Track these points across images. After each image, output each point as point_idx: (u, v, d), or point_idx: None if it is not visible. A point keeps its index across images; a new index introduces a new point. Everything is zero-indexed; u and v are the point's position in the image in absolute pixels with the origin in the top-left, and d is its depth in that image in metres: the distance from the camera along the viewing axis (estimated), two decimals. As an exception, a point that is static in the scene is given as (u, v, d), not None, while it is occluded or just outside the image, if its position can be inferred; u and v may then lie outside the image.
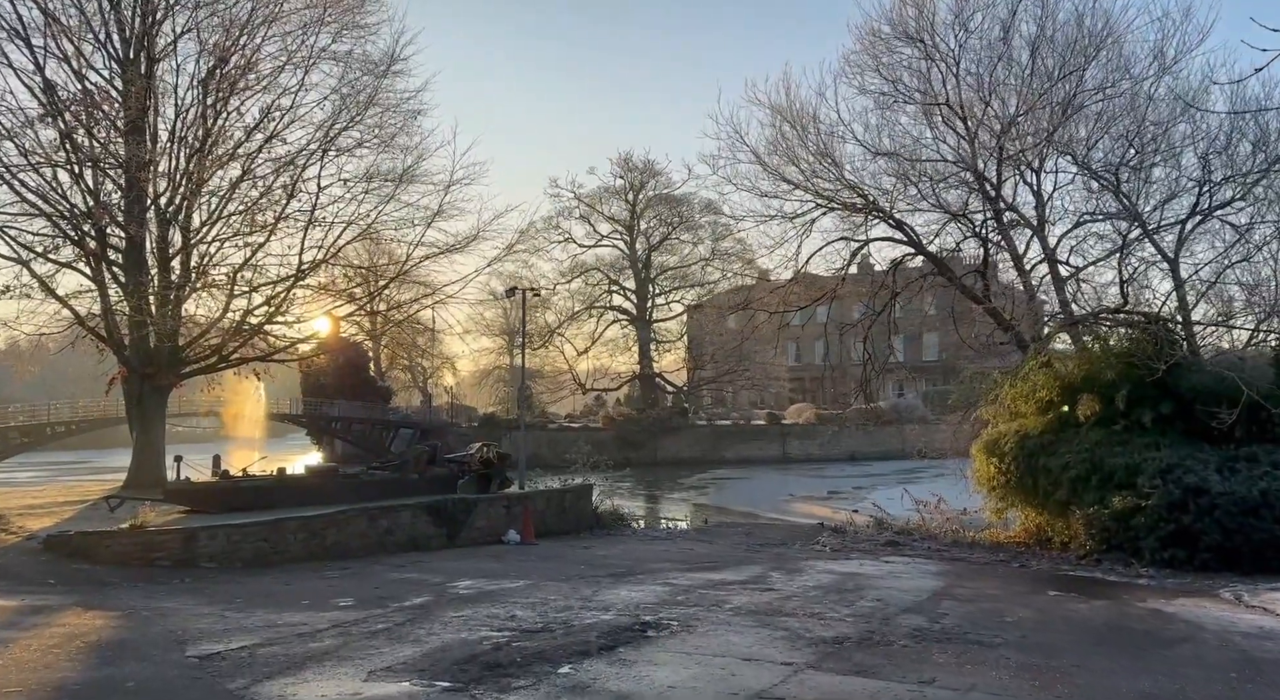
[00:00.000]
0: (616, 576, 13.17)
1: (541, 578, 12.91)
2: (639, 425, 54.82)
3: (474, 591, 11.63)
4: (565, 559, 15.96)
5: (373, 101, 21.63)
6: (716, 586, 12.00)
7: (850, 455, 60.28)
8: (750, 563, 15.21)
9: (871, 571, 14.04)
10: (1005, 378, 18.26)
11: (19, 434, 47.50)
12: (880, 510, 21.52)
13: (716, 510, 29.85)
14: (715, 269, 60.98)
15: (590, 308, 60.09)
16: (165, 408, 23.37)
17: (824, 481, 42.88)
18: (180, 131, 21.50)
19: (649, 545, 18.71)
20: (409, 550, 17.17)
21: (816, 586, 12.17)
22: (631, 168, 60.13)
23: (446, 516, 18.35)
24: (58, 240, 20.78)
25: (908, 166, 18.72)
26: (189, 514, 17.58)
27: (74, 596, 10.88)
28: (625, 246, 61.39)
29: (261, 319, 22.21)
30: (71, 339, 24.23)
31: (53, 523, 17.19)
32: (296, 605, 10.61)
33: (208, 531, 14.30)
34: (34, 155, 19.75)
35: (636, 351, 63.45)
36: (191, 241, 21.67)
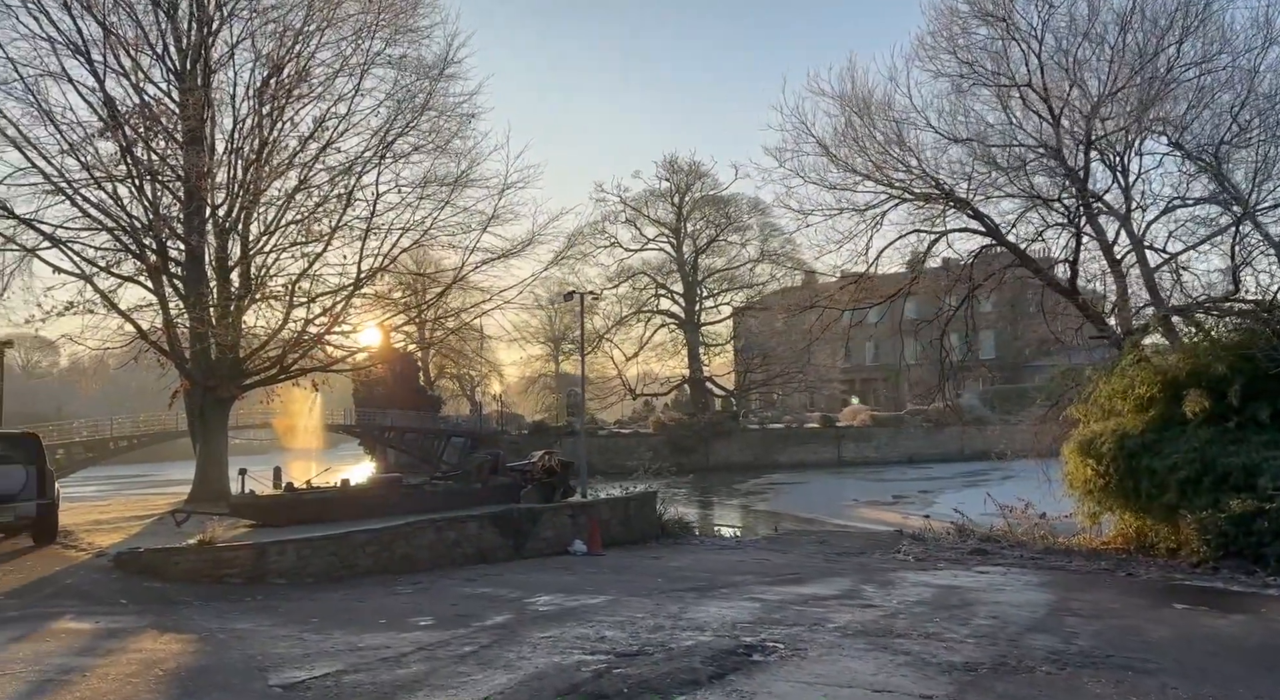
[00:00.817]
0: (699, 591, 12.51)
1: (620, 592, 12.31)
2: (690, 430, 54.12)
3: (555, 608, 11.06)
4: (638, 571, 15.36)
5: (427, 106, 21.37)
6: (809, 602, 11.28)
7: (908, 458, 58.92)
8: (835, 574, 14.45)
9: (969, 583, 13.18)
10: (1098, 374, 17.24)
11: (84, 449, 48.36)
12: (962, 516, 20.48)
13: (781, 517, 28.99)
14: (764, 270, 60.06)
15: (638, 312, 59.55)
16: (227, 420, 23.31)
17: (886, 486, 41.81)
18: (237, 142, 21.43)
19: (720, 555, 18.01)
20: (476, 562, 16.73)
21: (918, 601, 11.38)
22: (677, 170, 59.64)
23: (513, 527, 17.88)
24: (119, 254, 20.78)
25: (986, 153, 17.81)
26: (254, 528, 17.37)
27: (147, 617, 10.54)
28: (672, 249, 60.81)
29: (320, 329, 22.01)
30: (134, 353, 24.32)
31: (120, 539, 17.08)
32: (375, 625, 10.13)
33: (277, 547, 13.96)
34: (95, 170, 19.77)
35: (685, 355, 62.78)
36: (250, 252, 21.56)
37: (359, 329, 24.86)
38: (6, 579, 13.03)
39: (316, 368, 25.14)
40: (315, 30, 20.48)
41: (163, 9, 20.46)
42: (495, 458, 20.69)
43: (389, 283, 24.86)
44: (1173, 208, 17.39)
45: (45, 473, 16.31)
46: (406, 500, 18.62)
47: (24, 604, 11.05)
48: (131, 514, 21.43)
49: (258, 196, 20.96)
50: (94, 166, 19.93)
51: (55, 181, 19.71)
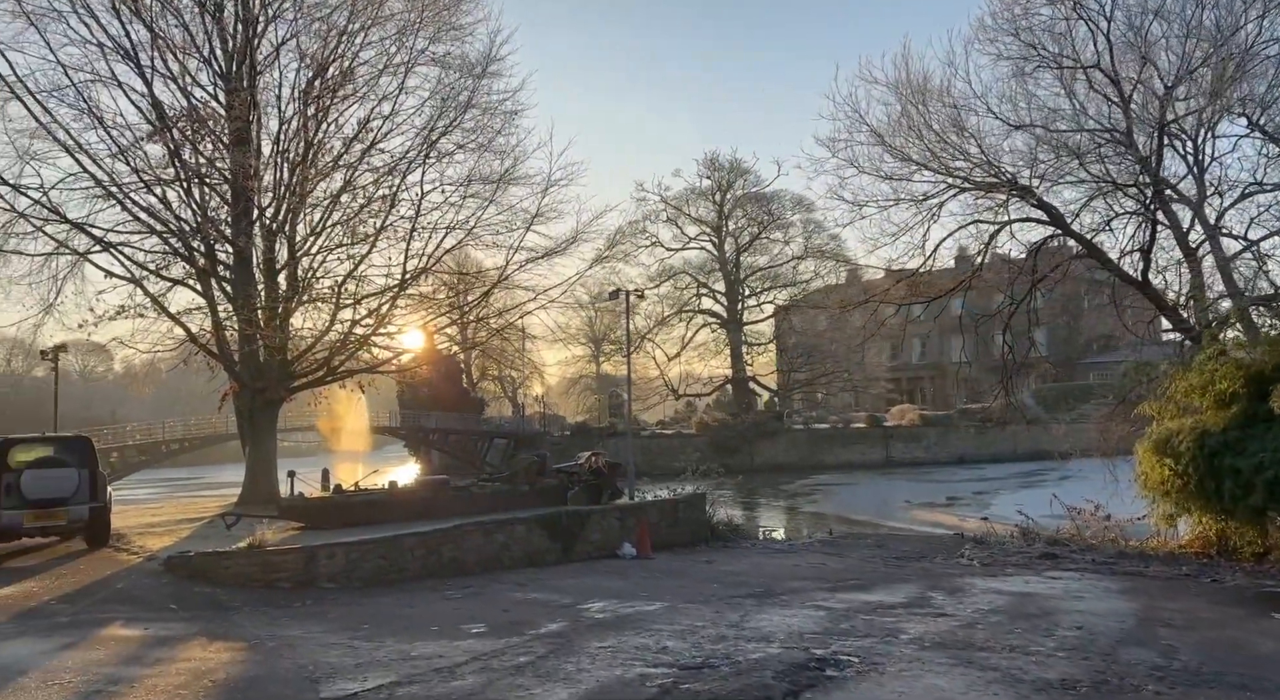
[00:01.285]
0: (758, 598, 12.02)
1: (676, 599, 11.86)
2: (734, 430, 53.48)
3: (609, 615, 10.66)
4: (691, 576, 14.90)
5: (471, 103, 21.16)
6: (877, 611, 10.72)
7: (959, 458, 57.62)
8: (898, 581, 13.83)
9: (1044, 590, 12.51)
10: (1174, 369, 16.38)
11: (137, 452, 49.29)
12: (1026, 518, 19.67)
13: (832, 520, 28.30)
14: (808, 268, 59.19)
15: (680, 312, 59.04)
16: (276, 422, 23.34)
17: (938, 487, 40.80)
18: (283, 144, 21.42)
19: (775, 559, 17.46)
20: (524, 565, 16.41)
21: (993, 610, 10.77)
22: (718, 167, 59.04)
23: (561, 530, 17.52)
24: (169, 257, 20.89)
25: (1049, 140, 17.05)
26: (303, 530, 17.25)
27: (197, 624, 10.36)
28: (714, 248, 60.23)
29: (367, 330, 21.91)
30: (183, 356, 24.49)
31: (171, 542, 17.07)
32: (426, 632, 9.82)
33: (326, 550, 13.76)
34: (144, 174, 19.89)
35: (727, 355, 62.12)
36: (297, 254, 21.55)
37: (404, 330, 24.78)
38: (59, 583, 13.00)
39: (363, 369, 25.09)
40: (359, 29, 20.40)
41: (209, 11, 20.51)
42: (542, 459, 20.39)
43: (433, 284, 24.74)
44: (1250, 193, 16.46)
45: (97, 476, 16.35)
46: (453, 502, 18.38)
47: (75, 609, 10.95)
48: (182, 516, 21.53)
49: (304, 198, 20.92)
50: (143, 170, 20.06)
51: (106, 186, 19.86)
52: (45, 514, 15.47)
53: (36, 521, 15.42)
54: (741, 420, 54.39)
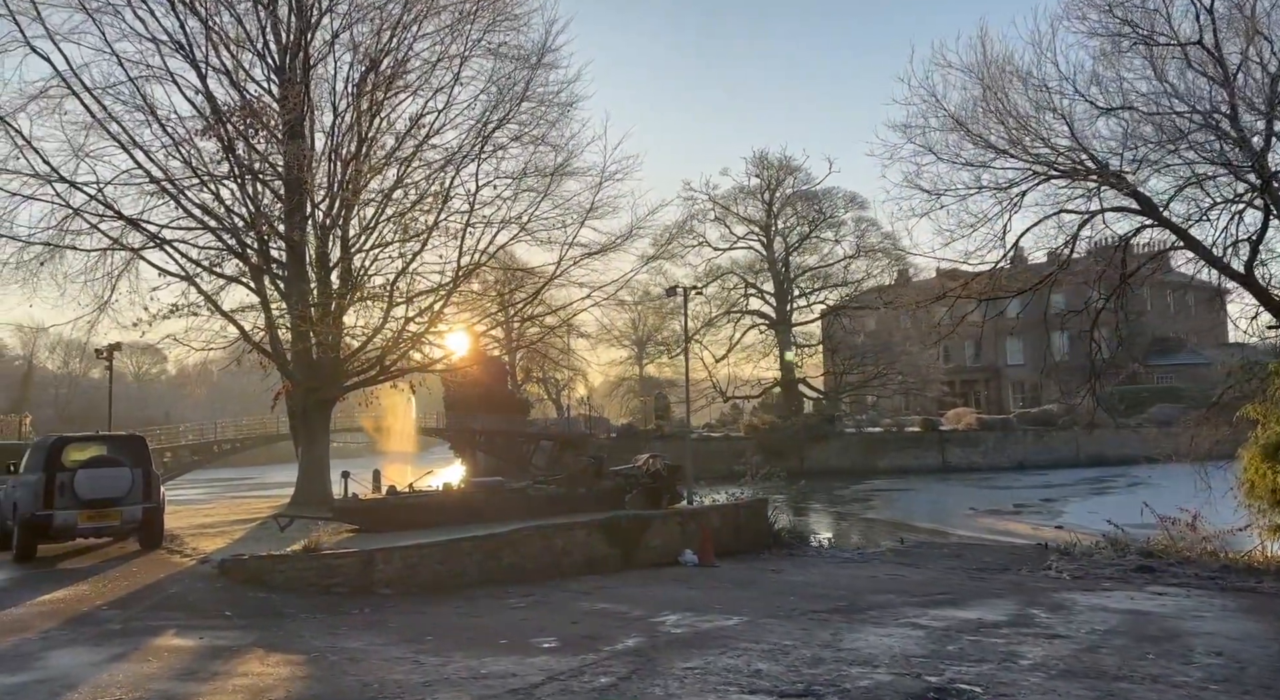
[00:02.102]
0: (843, 613, 11.17)
1: (754, 613, 11.05)
2: (783, 433, 52.33)
3: (688, 631, 9.89)
4: (762, 586, 14.08)
5: (526, 95, 20.56)
6: (980, 630, 9.81)
7: (1018, 463, 55.76)
8: (990, 595, 12.86)
9: (1155, 609, 11.47)
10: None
11: (190, 452, 49.75)
12: (1116, 528, 18.48)
13: (897, 527, 27.19)
14: (859, 267, 57.83)
15: (728, 313, 58.06)
16: (329, 422, 22.98)
17: (1002, 494, 39.28)
18: (336, 139, 21.07)
19: (847, 570, 16.56)
20: (584, 572, 15.74)
21: (1110, 631, 9.80)
22: (767, 165, 57.94)
23: (621, 535, 16.83)
24: (222, 254, 20.62)
25: (1144, 124, 15.93)
26: (357, 533, 16.77)
27: (253, 633, 9.82)
28: (762, 248, 59.14)
29: (420, 328, 21.45)
30: (236, 356, 24.29)
31: (224, 543, 16.69)
32: (494, 645, 9.16)
33: (384, 555, 13.21)
34: (199, 169, 19.64)
35: (774, 357, 60.97)
36: (351, 250, 21.17)
37: (455, 329, 24.29)
38: (112, 586, 12.61)
39: (415, 368, 24.68)
40: (414, 20, 19.94)
41: (262, 4, 20.23)
42: (599, 461, 19.73)
43: (483, 283, 24.24)
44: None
45: (151, 475, 16.02)
46: (509, 505, 17.78)
47: (127, 615, 10.48)
48: (235, 517, 21.24)
49: (357, 193, 20.52)
50: (197, 166, 19.81)
51: (160, 182, 19.63)
52: (99, 514, 15.16)
53: (90, 522, 15.11)
54: (791, 423, 53.23)
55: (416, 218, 21.98)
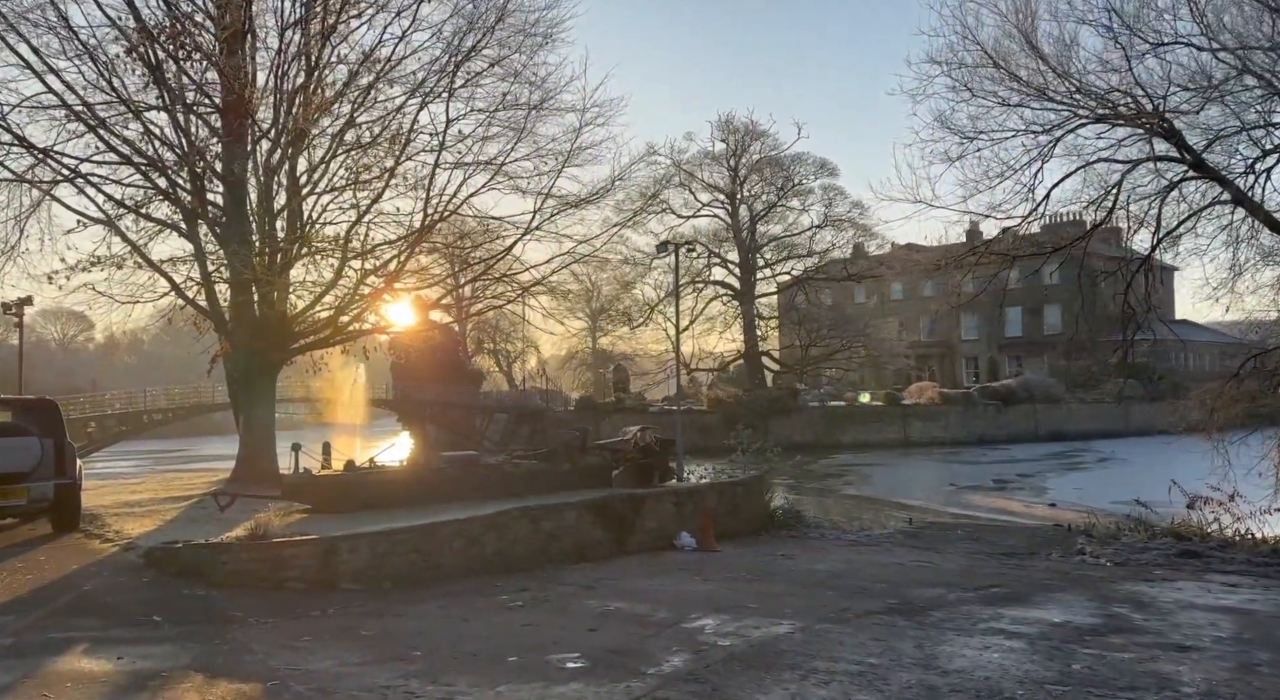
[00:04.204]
0: (904, 614, 9.48)
1: (802, 615, 9.28)
2: (747, 407, 50.95)
3: (738, 642, 8.07)
4: (783, 577, 12.34)
5: (502, 19, 18.17)
6: (1085, 638, 8.21)
7: (979, 438, 55.53)
8: (1049, 589, 11.33)
9: (1250, 606, 10.03)
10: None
11: (117, 422, 46.25)
12: (1144, 508, 17.22)
13: (882, 504, 25.90)
14: (825, 237, 56.49)
15: (691, 282, 56.23)
16: (275, 389, 20.55)
17: (976, 469, 38.51)
18: (282, 68, 18.49)
19: (865, 556, 14.95)
20: (574, 560, 13.85)
21: (1233, 638, 8.27)
22: (733, 130, 55.94)
23: (614, 517, 14.95)
24: (149, 194, 17.98)
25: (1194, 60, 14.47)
26: (310, 514, 14.62)
27: (190, 648, 7.72)
28: (727, 216, 57.31)
29: (375, 285, 19.15)
30: (166, 314, 21.70)
31: (154, 526, 14.39)
32: (504, 664, 7.24)
33: (348, 543, 11.10)
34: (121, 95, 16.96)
35: (737, 328, 59.49)
36: (302, 193, 18.73)
37: (417, 287, 22.00)
38: (11, 581, 10.32)
39: (371, 331, 22.37)
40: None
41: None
42: (584, 435, 17.82)
43: (451, 236, 21.93)
44: None
45: (65, 447, 13.62)
46: (485, 483, 15.79)
47: (23, 625, 8.27)
48: (167, 495, 18.79)
49: (306, 130, 18.04)
50: (119, 91, 17.12)
51: (76, 110, 16.89)
52: (1, 491, 12.75)
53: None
54: (756, 396, 51.88)
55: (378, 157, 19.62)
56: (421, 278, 22.73)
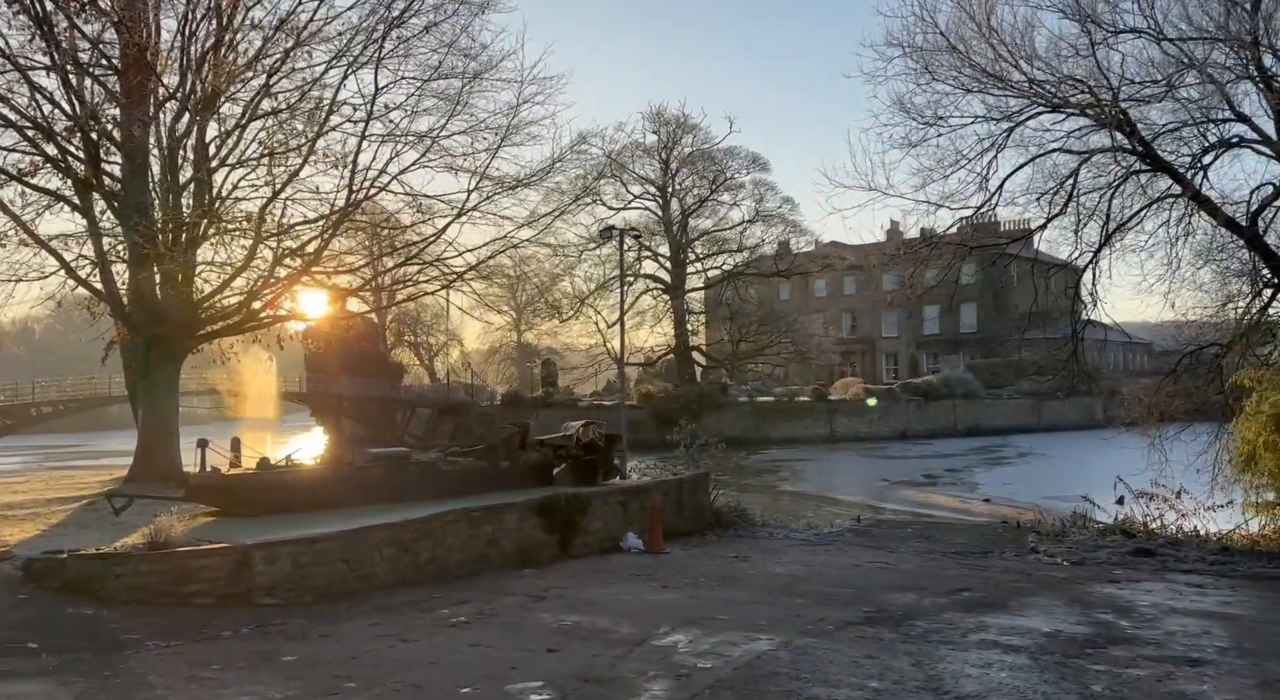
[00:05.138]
0: (886, 625, 8.80)
1: (779, 628, 8.50)
2: (678, 402, 50.37)
3: (720, 664, 7.21)
4: (746, 583, 11.58)
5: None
6: (1087, 652, 7.66)
7: (901, 433, 56.30)
8: (1020, 593, 10.85)
9: (1228, 610, 9.73)
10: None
11: (1, 416, 42.77)
12: (1092, 505, 17.09)
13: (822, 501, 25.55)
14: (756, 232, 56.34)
15: (624, 275, 55.34)
16: (178, 380, 18.76)
17: (904, 464, 38.74)
18: (190, 24, 16.81)
19: (820, 557, 14.33)
20: (516, 565, 12.89)
21: (1234, 649, 7.84)
22: (664, 122, 55.18)
23: (559, 518, 13.99)
24: (35, 161, 16.08)
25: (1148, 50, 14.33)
26: (217, 517, 13.15)
27: (71, 684, 6.46)
28: (658, 208, 56.60)
29: (299, 265, 17.63)
30: (54, 295, 19.68)
31: (36, 531, 12.73)
32: (456, 698, 6.20)
33: (265, 552, 9.82)
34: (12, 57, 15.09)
35: (668, 323, 58.91)
36: (211, 164, 17.09)
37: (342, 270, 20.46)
38: None
39: (287, 318, 20.77)
40: None
41: None
42: (524, 430, 16.74)
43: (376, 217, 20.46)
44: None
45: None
46: (417, 482, 14.50)
47: None
48: (54, 495, 16.91)
49: (218, 88, 16.41)
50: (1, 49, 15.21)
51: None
52: None
53: None
54: (687, 391, 51.37)
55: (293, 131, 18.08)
56: (343, 262, 21.21)
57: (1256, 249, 14.89)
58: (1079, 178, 15.12)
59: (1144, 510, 16.42)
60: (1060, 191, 15.50)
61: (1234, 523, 15.66)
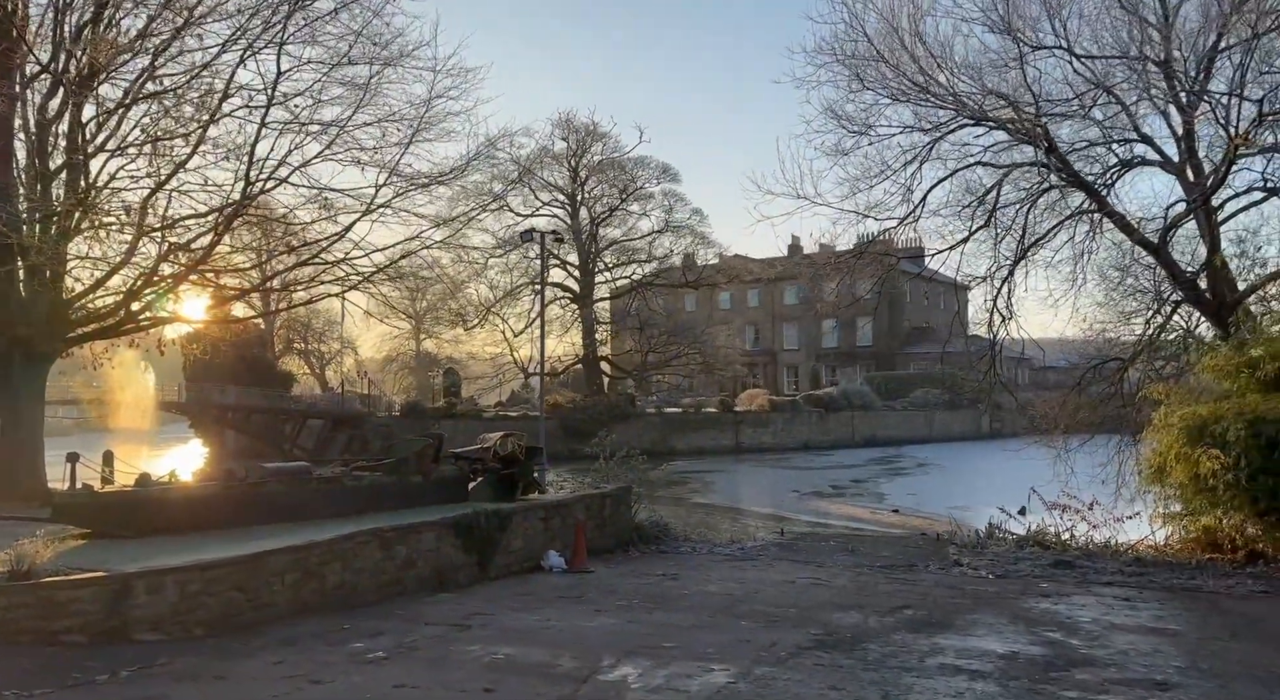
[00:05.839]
0: (840, 649, 8.38)
1: (732, 656, 7.97)
2: (587, 413, 49.66)
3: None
4: (682, 604, 11.01)
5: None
6: (1049, 675, 7.41)
7: (804, 444, 57.17)
8: (959, 611, 10.61)
9: (1165, 626, 9.71)
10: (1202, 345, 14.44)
11: None
12: (1008, 516, 17.25)
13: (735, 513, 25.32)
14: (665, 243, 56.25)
15: (531, 283, 54.28)
16: (44, 388, 16.86)
17: (810, 475, 39.12)
18: None
19: (750, 573, 13.91)
20: (434, 588, 12.00)
21: (1200, 669, 7.70)
22: (574, 129, 54.55)
23: (479, 537, 13.12)
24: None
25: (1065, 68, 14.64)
26: (90, 540, 11.66)
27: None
28: (567, 216, 55.84)
29: (189, 261, 16.14)
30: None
31: None
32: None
33: (148, 580, 8.63)
34: None
35: (576, 332, 58.12)
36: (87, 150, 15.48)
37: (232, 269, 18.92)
38: None
39: (170, 320, 19.09)
40: None
41: None
42: (437, 441, 15.70)
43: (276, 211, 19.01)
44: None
45: None
46: (319, 499, 13.32)
47: None
48: (-110, 516, 14.85)
49: (95, 65, 14.84)
50: None
51: None
52: None
53: None
54: (595, 403, 50.67)
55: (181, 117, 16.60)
56: (231, 262, 19.66)
57: (1165, 266, 15.35)
58: (1001, 191, 15.25)
59: (1056, 522, 16.72)
60: (982, 205, 15.64)
61: (1142, 533, 16.08)
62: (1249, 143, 13.16)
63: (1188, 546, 15.41)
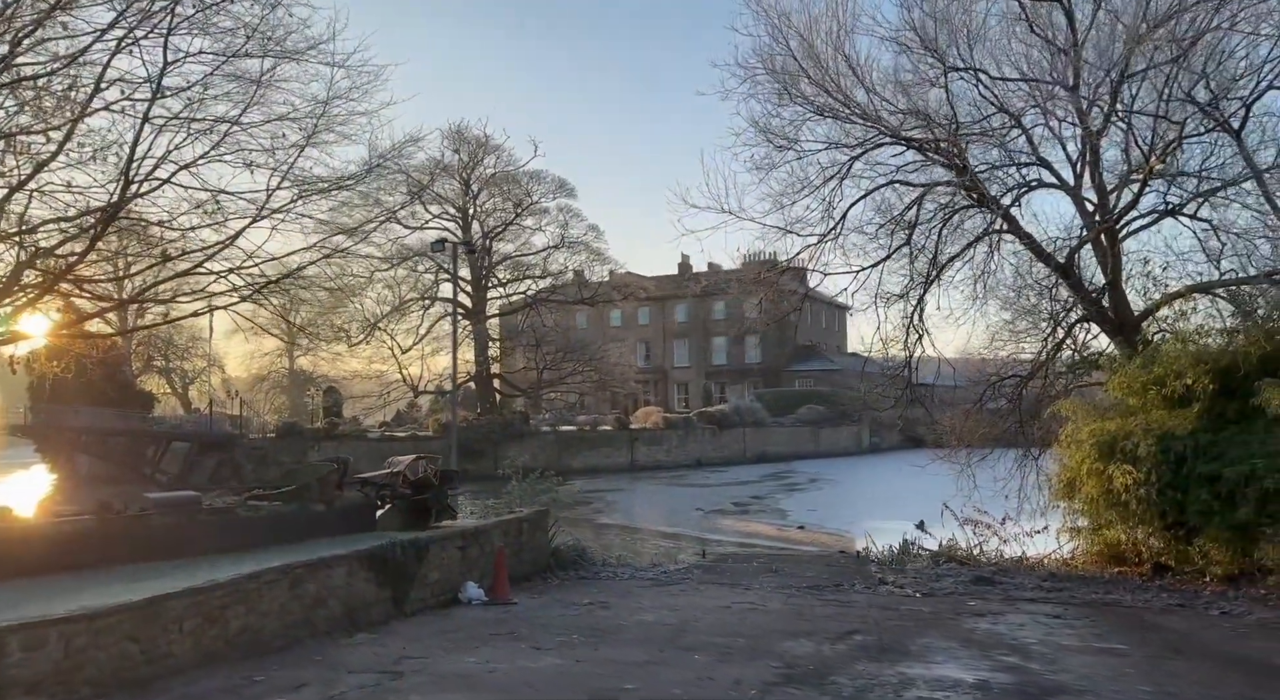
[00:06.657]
0: (808, 684, 7.99)
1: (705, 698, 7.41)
2: (479, 432, 48.22)
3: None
4: (622, 636, 10.41)
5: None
6: None
7: (697, 461, 57.43)
8: (906, 633, 10.47)
9: (1106, 644, 9.82)
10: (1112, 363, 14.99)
11: None
12: (923, 532, 17.43)
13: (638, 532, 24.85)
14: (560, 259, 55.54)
15: (421, 299, 52.47)
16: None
17: (710, 492, 39.06)
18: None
19: (682, 599, 13.44)
20: (347, 628, 10.95)
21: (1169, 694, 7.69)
22: (465, 141, 53.22)
23: (394, 570, 12.10)
24: None
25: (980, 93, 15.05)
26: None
27: None
28: (458, 230, 54.35)
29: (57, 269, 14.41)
30: None
31: None
32: None
33: (23, 636, 7.34)
34: None
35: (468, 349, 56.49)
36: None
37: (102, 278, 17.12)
38: None
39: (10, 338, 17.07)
40: None
41: None
42: (343, 466, 14.49)
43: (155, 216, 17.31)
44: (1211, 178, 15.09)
45: None
46: (210, 532, 11.98)
47: None
48: None
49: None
50: None
51: None
52: None
53: None
54: (489, 421, 49.28)
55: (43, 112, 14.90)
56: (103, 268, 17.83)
57: (1072, 286, 15.90)
58: (920, 209, 15.48)
59: (968, 536, 17.04)
60: (901, 223, 15.83)
61: (1049, 548, 16.55)
62: (1163, 167, 13.81)
63: (1094, 560, 15.94)
